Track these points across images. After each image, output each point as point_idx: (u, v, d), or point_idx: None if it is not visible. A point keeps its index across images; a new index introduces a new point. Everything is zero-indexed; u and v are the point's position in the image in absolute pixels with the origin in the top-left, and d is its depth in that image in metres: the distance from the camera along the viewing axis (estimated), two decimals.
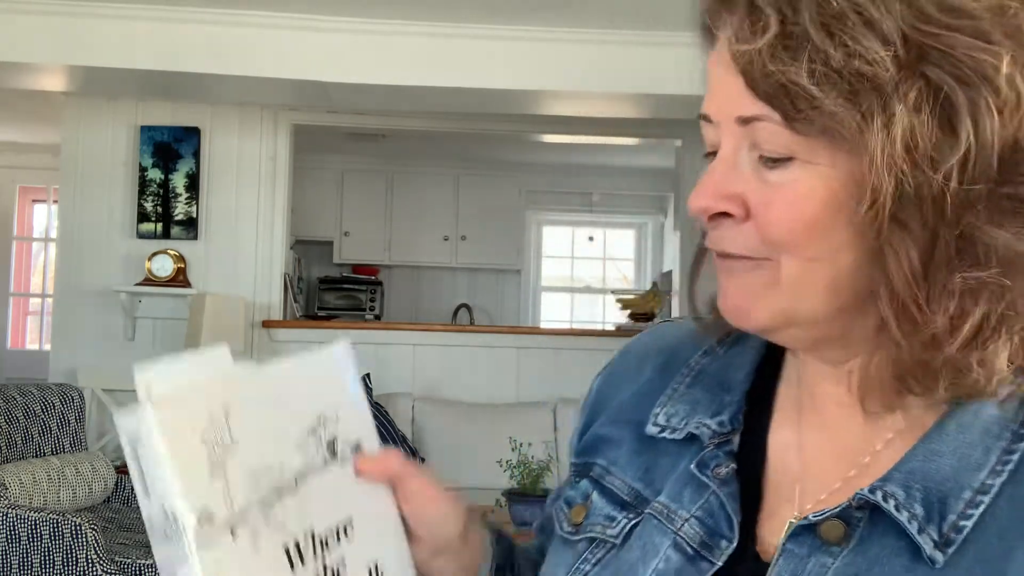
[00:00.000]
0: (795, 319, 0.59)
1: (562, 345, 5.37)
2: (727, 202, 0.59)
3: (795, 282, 0.57)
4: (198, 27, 4.01)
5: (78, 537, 3.30)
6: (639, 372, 0.75)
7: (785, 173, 0.56)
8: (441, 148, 7.19)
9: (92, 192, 5.13)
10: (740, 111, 0.57)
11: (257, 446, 0.60)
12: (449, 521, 0.71)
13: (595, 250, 8.73)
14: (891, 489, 0.56)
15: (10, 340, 7.87)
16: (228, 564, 0.58)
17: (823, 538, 0.57)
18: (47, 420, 3.98)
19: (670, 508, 0.64)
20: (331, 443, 0.66)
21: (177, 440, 0.56)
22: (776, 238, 0.57)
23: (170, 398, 0.57)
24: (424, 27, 4.07)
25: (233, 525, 0.58)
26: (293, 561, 0.62)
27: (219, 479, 0.58)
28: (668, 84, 4.11)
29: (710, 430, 0.66)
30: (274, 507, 0.61)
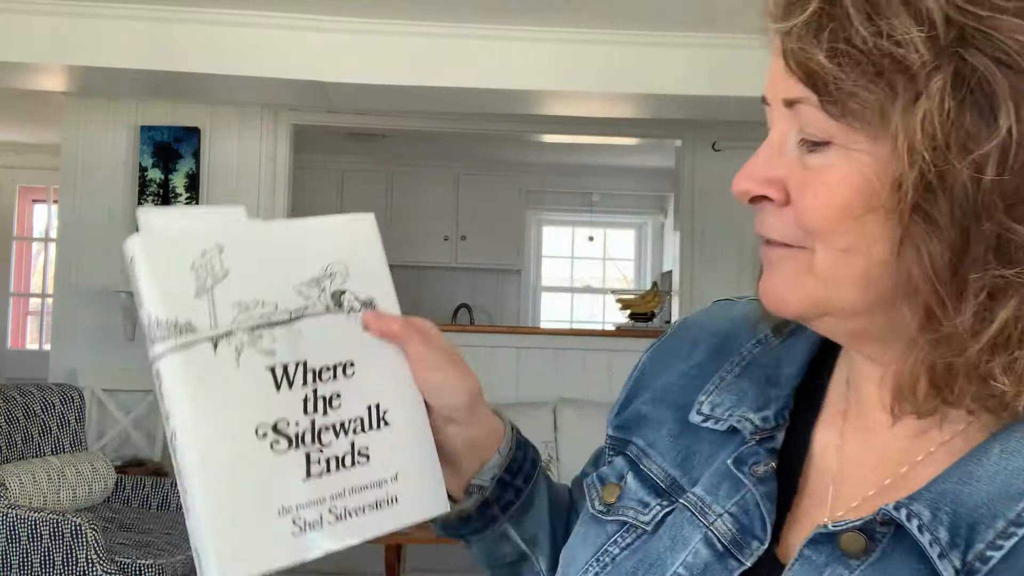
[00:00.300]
0: (829, 309, 0.57)
1: (562, 345, 5.37)
2: (768, 186, 0.57)
3: (828, 272, 0.56)
4: (198, 27, 4.01)
5: (78, 537, 3.30)
6: (690, 353, 0.73)
7: (823, 158, 0.55)
8: (441, 148, 7.19)
9: (92, 192, 5.13)
10: (786, 93, 0.56)
11: (250, 281, 0.63)
12: (452, 390, 0.71)
13: (595, 250, 8.73)
14: (917, 508, 0.53)
15: (10, 340, 7.87)
16: (200, 370, 0.60)
17: (842, 549, 0.55)
18: (47, 420, 3.98)
19: (704, 501, 0.63)
20: (337, 294, 0.67)
21: (160, 262, 0.61)
22: (809, 224, 0.55)
23: (165, 229, 0.63)
24: (424, 27, 4.07)
25: (216, 340, 0.61)
26: (279, 382, 0.63)
27: (204, 300, 0.61)
28: (668, 84, 4.11)
29: (752, 425, 0.64)
30: (263, 336, 0.63)
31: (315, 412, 0.64)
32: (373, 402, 0.68)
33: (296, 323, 0.65)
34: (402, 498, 0.68)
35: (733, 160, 5.38)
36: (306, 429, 0.64)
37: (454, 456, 0.74)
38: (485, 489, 0.75)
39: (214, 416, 0.60)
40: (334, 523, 0.64)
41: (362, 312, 0.69)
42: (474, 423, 0.73)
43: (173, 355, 0.60)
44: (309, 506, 0.63)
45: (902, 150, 0.51)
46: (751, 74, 3.86)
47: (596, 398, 5.19)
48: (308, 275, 0.66)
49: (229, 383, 0.61)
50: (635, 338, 5.36)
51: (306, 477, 0.63)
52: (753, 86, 2.34)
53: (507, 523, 0.77)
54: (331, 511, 0.64)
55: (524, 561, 0.80)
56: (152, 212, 0.63)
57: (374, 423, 0.67)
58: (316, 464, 0.64)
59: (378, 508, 0.66)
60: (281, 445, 0.62)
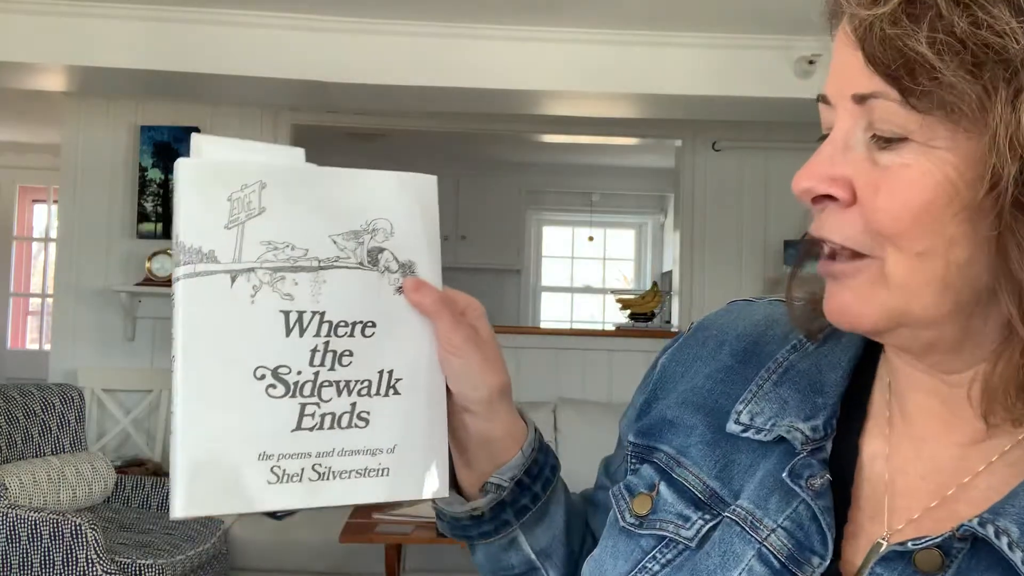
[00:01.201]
0: (906, 319, 0.54)
1: (562, 345, 5.37)
2: (832, 184, 0.54)
3: (903, 279, 0.53)
4: (198, 27, 4.01)
5: (78, 537, 3.30)
6: (715, 356, 0.70)
7: (898, 156, 0.52)
8: (441, 148, 7.19)
9: (92, 192, 5.13)
10: (857, 88, 0.53)
11: (284, 222, 0.62)
12: (471, 380, 0.68)
13: (595, 250, 8.73)
14: (1004, 525, 0.51)
15: (10, 340, 7.87)
16: (213, 300, 0.60)
17: (917, 566, 0.53)
18: (47, 420, 3.98)
19: (754, 515, 0.60)
20: (374, 251, 0.66)
21: (198, 187, 0.60)
22: (881, 227, 0.52)
23: (211, 157, 0.62)
24: (424, 27, 4.07)
25: (235, 274, 0.61)
26: (290, 327, 0.62)
27: (232, 232, 0.61)
28: (668, 84, 4.11)
29: (803, 435, 0.61)
30: (285, 279, 0.62)
31: (321, 365, 0.63)
32: (386, 368, 0.66)
33: (322, 272, 0.63)
34: (394, 472, 0.65)
35: (733, 160, 5.40)
36: (308, 380, 0.62)
37: (466, 448, 0.71)
38: (503, 489, 0.71)
39: (216, 348, 0.60)
40: (315, 480, 0.62)
41: (399, 274, 0.67)
42: (492, 419, 0.70)
43: (190, 280, 0.60)
44: (292, 457, 0.62)
45: (1003, 143, 0.48)
46: (751, 74, 3.93)
47: (596, 398, 5.19)
48: (349, 226, 0.65)
49: (239, 319, 0.61)
50: (635, 338, 5.36)
51: (296, 428, 0.62)
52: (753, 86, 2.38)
53: (519, 530, 0.74)
54: (314, 468, 0.62)
55: (531, 574, 0.76)
56: (205, 139, 0.62)
57: (382, 389, 0.65)
58: (309, 417, 0.62)
59: (365, 476, 0.64)
60: (277, 391, 0.62)
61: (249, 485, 0.60)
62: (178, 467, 0.59)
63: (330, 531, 3.71)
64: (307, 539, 4.15)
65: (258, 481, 0.60)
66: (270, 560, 4.19)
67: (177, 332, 0.60)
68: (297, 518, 4.45)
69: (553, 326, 8.24)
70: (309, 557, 4.15)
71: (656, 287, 6.32)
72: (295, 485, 0.62)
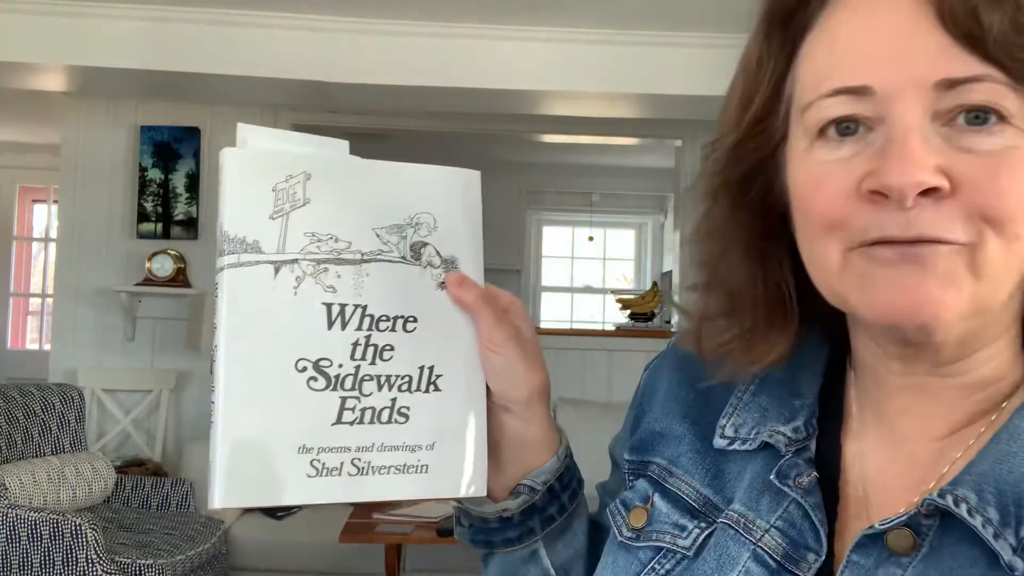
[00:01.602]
0: (984, 310, 0.53)
1: (562, 345, 5.37)
2: (939, 175, 0.50)
3: (997, 265, 0.51)
4: (198, 27, 4.01)
5: (78, 537, 3.30)
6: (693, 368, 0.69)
7: (1000, 139, 0.50)
8: (441, 148, 7.19)
9: (92, 192, 5.13)
10: (946, 72, 0.50)
11: (328, 214, 0.62)
12: (511, 379, 0.68)
13: (595, 250, 8.73)
14: (962, 493, 0.52)
15: (10, 340, 7.87)
16: (256, 291, 0.60)
17: (890, 548, 0.54)
18: (47, 420, 3.98)
19: (747, 517, 0.60)
20: (417, 245, 0.66)
21: (244, 177, 0.60)
22: (1002, 211, 0.50)
23: (257, 147, 0.62)
24: (424, 27, 4.07)
25: (278, 265, 0.61)
26: (332, 320, 0.62)
27: (277, 223, 0.61)
28: (668, 84, 4.11)
29: (786, 438, 0.62)
30: (328, 271, 0.62)
31: (362, 359, 0.63)
32: (427, 364, 0.65)
33: (365, 265, 0.63)
34: (432, 469, 0.65)
35: None
36: (349, 374, 0.62)
37: (500, 449, 0.70)
38: (536, 492, 0.70)
39: (258, 338, 0.60)
40: (354, 475, 0.62)
41: (441, 269, 0.67)
42: (529, 420, 0.70)
43: (233, 270, 0.60)
44: (332, 451, 0.62)
45: None
46: None
47: (596, 398, 5.19)
48: (392, 220, 0.65)
49: (281, 310, 0.61)
50: (635, 338, 5.36)
51: (336, 421, 0.62)
52: None
53: (541, 541, 0.73)
54: (353, 463, 0.62)
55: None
56: (250, 129, 0.63)
57: (423, 385, 0.65)
58: (350, 411, 0.62)
59: (403, 472, 0.64)
60: (318, 383, 0.61)
61: (288, 477, 0.60)
62: (218, 457, 0.59)
63: (330, 531, 3.71)
64: (307, 539, 4.15)
65: (298, 474, 0.61)
66: (270, 560, 4.19)
67: (220, 321, 0.60)
68: (297, 518, 4.44)
69: (553, 326, 8.24)
70: (309, 557, 4.15)
71: (656, 287, 6.32)
72: (334, 479, 0.62)
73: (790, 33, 0.58)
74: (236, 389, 0.59)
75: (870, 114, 0.52)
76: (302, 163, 0.62)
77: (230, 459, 0.59)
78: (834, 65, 0.53)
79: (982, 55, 0.49)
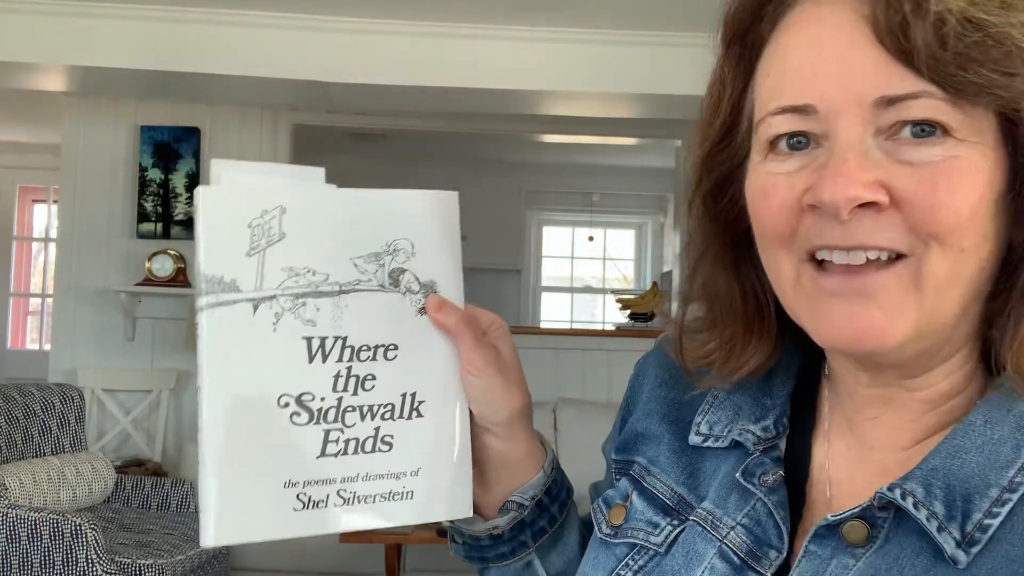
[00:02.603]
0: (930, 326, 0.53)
1: (562, 345, 5.37)
2: (876, 189, 0.51)
3: (941, 278, 0.52)
4: (198, 27, 4.01)
5: (78, 537, 3.30)
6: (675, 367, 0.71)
7: (940, 150, 0.51)
8: (441, 148, 7.19)
9: (92, 192, 5.13)
10: (884, 90, 0.51)
11: (305, 247, 0.63)
12: (491, 401, 0.68)
13: (595, 250, 8.73)
14: (910, 487, 0.54)
15: (10, 340, 7.87)
16: (236, 329, 0.60)
17: (846, 539, 0.55)
18: (47, 420, 3.98)
19: (715, 515, 0.62)
20: (396, 272, 0.66)
21: (218, 215, 0.60)
22: (939, 223, 0.51)
23: (231, 184, 0.61)
24: (424, 27, 4.07)
25: (257, 302, 0.61)
26: (313, 354, 0.62)
27: (254, 260, 0.61)
28: (668, 84, 4.11)
29: (755, 436, 0.63)
30: (307, 304, 0.62)
31: (344, 391, 0.63)
32: (409, 391, 0.66)
33: (344, 296, 0.63)
34: (418, 494, 0.66)
35: None
36: (331, 406, 0.63)
37: (485, 469, 0.71)
38: (524, 508, 0.71)
39: (240, 377, 0.60)
40: (340, 506, 0.63)
41: (420, 294, 0.67)
42: (511, 440, 0.70)
43: (213, 310, 0.60)
44: (318, 484, 0.62)
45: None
46: None
47: (596, 398, 5.19)
48: (369, 248, 0.65)
49: (262, 347, 0.61)
50: (635, 338, 5.35)
51: (320, 454, 0.62)
52: None
53: (534, 553, 0.74)
54: (339, 494, 0.63)
55: None
56: (224, 164, 0.62)
57: (406, 412, 0.65)
58: (333, 443, 0.63)
59: (390, 499, 0.65)
60: (301, 418, 0.62)
61: (276, 513, 0.61)
62: (208, 497, 0.59)
63: None
64: (307, 539, 4.12)
65: (284, 508, 0.61)
66: (270, 560, 4.19)
67: (202, 362, 0.60)
68: None
69: (553, 326, 8.24)
70: (309, 557, 4.15)
71: (656, 287, 6.32)
72: (321, 511, 0.62)
73: (747, 50, 0.61)
74: (221, 429, 0.60)
75: (816, 131, 0.53)
76: (276, 197, 0.62)
77: (219, 498, 0.59)
78: (783, 84, 0.55)
79: (917, 71, 0.50)
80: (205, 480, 0.59)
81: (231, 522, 0.59)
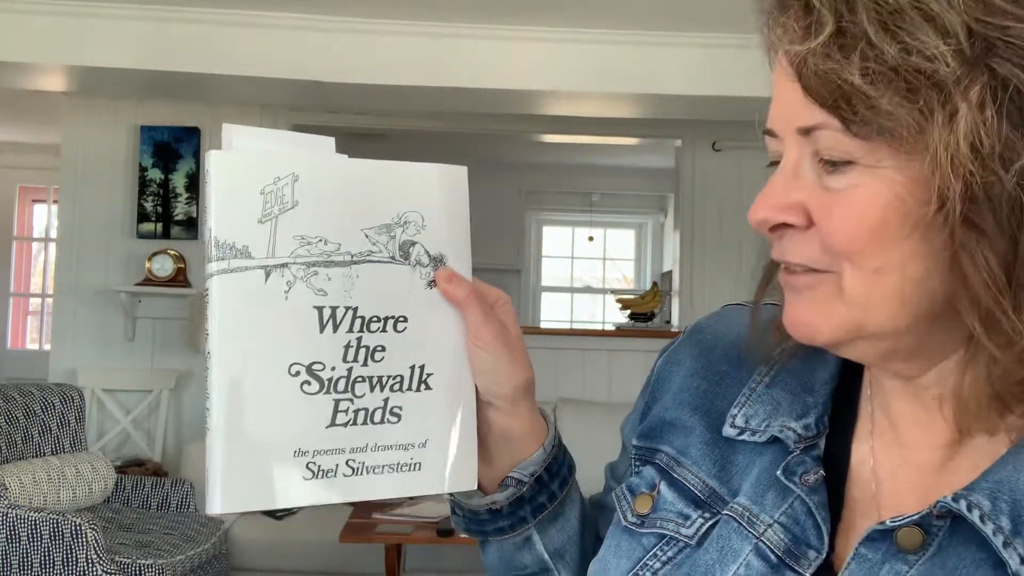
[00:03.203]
0: (863, 332, 0.56)
1: (562, 345, 5.37)
2: (787, 212, 0.56)
3: (861, 295, 0.54)
4: (198, 27, 4.01)
5: (78, 537, 3.30)
6: (708, 358, 0.72)
7: (846, 179, 0.53)
8: (441, 148, 7.19)
9: (92, 192, 5.13)
10: (800, 121, 0.55)
11: (317, 216, 0.62)
12: (496, 375, 0.69)
13: (595, 250, 8.73)
14: (976, 499, 0.53)
15: (10, 340, 7.87)
16: (247, 296, 0.60)
17: (899, 545, 0.55)
18: (47, 420, 3.98)
19: (751, 511, 0.61)
20: (406, 245, 0.66)
21: (231, 181, 0.60)
22: (839, 246, 0.54)
23: (243, 149, 0.61)
24: (424, 27, 4.07)
25: (269, 269, 0.61)
26: (324, 323, 0.62)
27: (266, 227, 0.61)
28: (668, 84, 4.11)
29: (795, 434, 0.63)
30: (318, 274, 0.62)
31: (354, 361, 0.63)
32: (418, 363, 0.66)
33: (355, 267, 0.63)
34: (426, 466, 0.66)
35: (733, 160, 5.39)
36: (341, 376, 0.63)
37: (487, 444, 0.72)
38: (523, 484, 0.72)
39: (250, 344, 0.60)
40: (349, 475, 0.63)
41: (430, 267, 0.67)
42: (514, 415, 0.71)
43: (224, 276, 0.60)
44: (327, 454, 0.62)
45: (945, 164, 0.49)
46: (751, 74, 3.86)
47: (596, 398, 5.19)
48: (380, 220, 0.65)
49: (273, 315, 0.61)
50: (635, 338, 5.36)
51: (330, 424, 0.62)
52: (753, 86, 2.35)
53: (534, 529, 0.75)
54: (348, 464, 0.63)
55: (544, 574, 0.77)
56: (235, 129, 0.62)
57: (414, 384, 0.66)
58: (343, 413, 0.63)
59: (398, 471, 0.65)
60: (312, 387, 0.62)
61: (284, 481, 0.61)
62: (215, 464, 0.59)
63: (330, 531, 3.71)
64: (307, 539, 4.15)
65: (294, 477, 0.61)
66: (270, 560, 4.19)
67: (212, 329, 0.60)
68: (297, 518, 4.44)
69: (553, 326, 8.24)
70: (309, 557, 4.15)
71: (656, 287, 6.32)
72: (330, 480, 0.62)
73: None
74: (230, 396, 0.59)
75: (779, 152, 0.58)
76: (289, 164, 0.62)
77: (227, 465, 0.59)
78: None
79: (820, 106, 0.53)
80: (213, 448, 0.59)
81: (239, 489, 0.59)
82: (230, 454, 0.59)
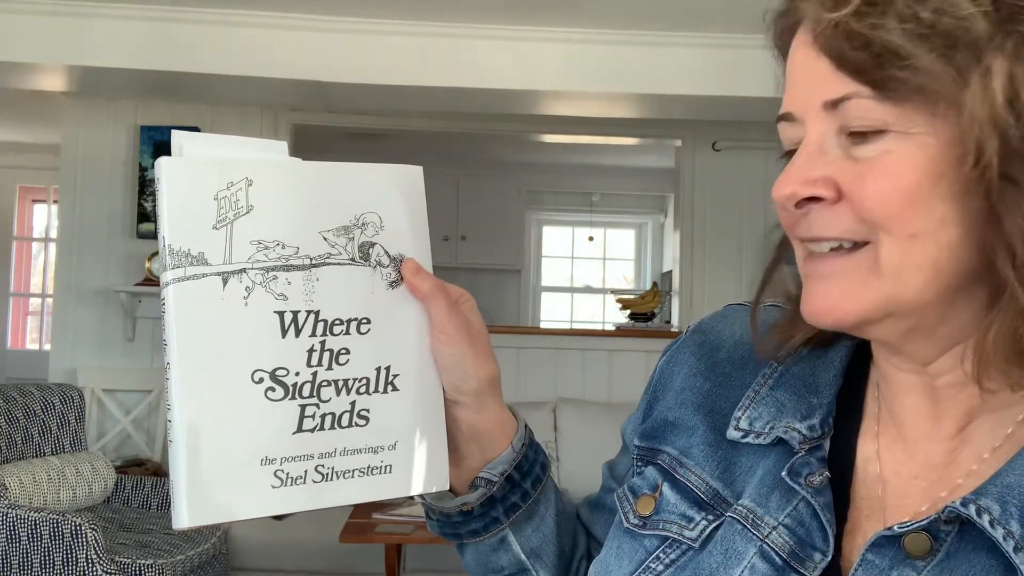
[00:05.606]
0: (893, 307, 0.55)
1: (562, 345, 5.36)
2: (815, 186, 0.56)
3: (896, 264, 0.54)
4: (198, 27, 4.01)
5: (78, 537, 3.30)
6: (711, 358, 0.71)
7: (877, 146, 0.54)
8: (441, 148, 7.19)
9: (92, 192, 5.13)
10: (827, 95, 0.55)
11: (274, 220, 0.61)
12: (462, 371, 0.69)
13: (595, 250, 8.73)
14: (986, 503, 0.53)
15: (10, 340, 7.87)
16: (205, 304, 0.59)
17: (906, 550, 0.55)
18: (47, 420, 3.98)
19: (756, 513, 0.61)
20: (365, 246, 0.65)
21: (183, 187, 0.59)
22: (876, 211, 0.54)
23: (194, 156, 0.60)
24: (424, 27, 4.07)
25: (226, 276, 0.59)
26: (286, 328, 0.61)
27: (222, 233, 0.59)
28: (668, 84, 4.11)
29: (800, 435, 0.62)
30: (277, 278, 0.61)
31: (319, 365, 0.62)
32: (383, 364, 0.65)
33: (315, 270, 0.62)
34: (396, 468, 0.65)
35: (733, 160, 5.40)
36: (306, 381, 0.62)
37: (457, 442, 0.71)
38: (493, 484, 0.72)
39: (211, 353, 0.59)
40: (319, 481, 0.62)
41: (391, 268, 0.66)
42: (481, 411, 0.71)
43: (180, 284, 0.58)
44: (295, 460, 0.61)
45: (982, 119, 0.51)
46: (751, 74, 3.93)
47: (596, 398, 5.19)
48: (338, 222, 0.64)
49: (233, 322, 0.59)
50: (635, 338, 5.35)
51: (296, 430, 0.61)
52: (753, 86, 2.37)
53: (508, 529, 0.74)
54: (317, 469, 0.62)
55: (521, 575, 0.76)
56: (185, 136, 0.61)
57: (380, 386, 0.65)
58: (310, 419, 0.62)
59: (368, 474, 0.64)
60: (276, 394, 0.61)
61: (253, 491, 0.59)
62: (180, 477, 0.58)
63: (330, 531, 3.71)
64: (307, 539, 4.15)
65: (261, 486, 0.60)
66: (270, 560, 4.19)
67: (170, 338, 0.58)
68: (297, 518, 4.43)
69: (553, 326, 8.24)
70: (309, 557, 4.15)
71: (656, 287, 6.32)
72: (299, 488, 0.61)
73: None
74: (193, 406, 0.58)
75: (797, 136, 0.58)
76: (243, 169, 0.61)
77: (191, 478, 0.58)
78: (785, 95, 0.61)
79: (852, 74, 0.54)
80: (176, 460, 0.58)
81: (205, 501, 0.58)
82: (194, 466, 0.58)
